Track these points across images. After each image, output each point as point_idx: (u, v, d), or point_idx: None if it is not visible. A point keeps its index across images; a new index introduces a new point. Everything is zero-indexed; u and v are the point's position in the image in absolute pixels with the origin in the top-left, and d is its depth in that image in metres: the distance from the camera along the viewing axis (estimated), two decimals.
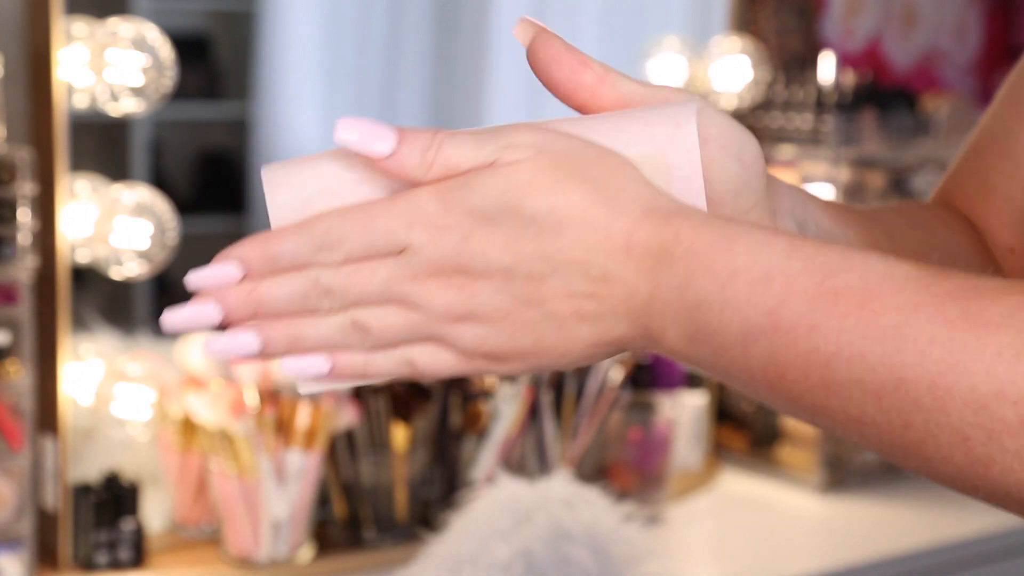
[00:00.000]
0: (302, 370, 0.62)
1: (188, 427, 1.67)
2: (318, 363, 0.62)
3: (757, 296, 0.56)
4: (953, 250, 0.79)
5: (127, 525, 1.61)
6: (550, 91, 0.63)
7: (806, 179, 2.27)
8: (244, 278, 0.61)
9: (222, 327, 0.63)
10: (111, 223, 1.55)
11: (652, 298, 0.59)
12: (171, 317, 0.62)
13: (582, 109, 0.64)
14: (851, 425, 0.56)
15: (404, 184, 0.61)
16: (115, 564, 1.61)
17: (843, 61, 2.60)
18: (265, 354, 0.62)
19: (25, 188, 1.47)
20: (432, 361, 0.62)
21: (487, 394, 1.81)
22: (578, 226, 0.59)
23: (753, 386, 0.58)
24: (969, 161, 0.84)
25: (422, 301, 0.60)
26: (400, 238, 0.60)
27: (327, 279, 0.60)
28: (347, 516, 1.76)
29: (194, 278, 0.62)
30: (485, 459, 1.81)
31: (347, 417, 1.68)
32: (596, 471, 1.91)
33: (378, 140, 0.60)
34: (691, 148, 0.62)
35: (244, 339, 0.62)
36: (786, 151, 2.30)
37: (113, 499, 1.62)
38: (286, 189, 0.62)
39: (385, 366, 0.62)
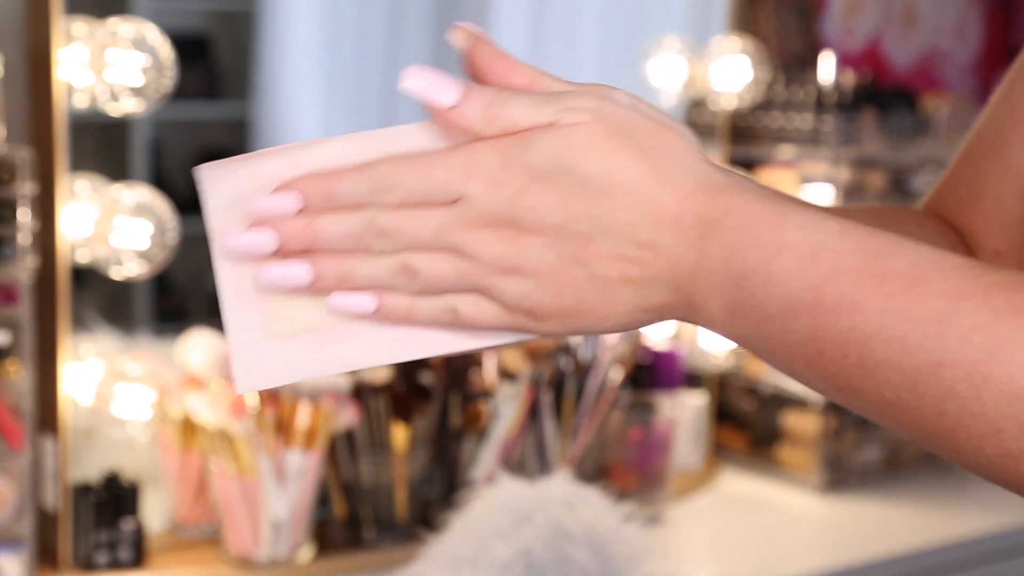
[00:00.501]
0: (350, 306, 0.63)
1: (188, 427, 1.67)
2: (366, 301, 0.63)
3: (803, 271, 0.57)
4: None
5: (127, 525, 1.61)
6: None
7: (806, 179, 2.27)
8: (302, 211, 0.62)
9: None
10: (111, 223, 1.55)
11: (698, 267, 0.59)
12: (230, 241, 0.63)
13: None
14: (885, 408, 0.56)
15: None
16: (115, 564, 1.61)
17: (843, 61, 2.61)
18: (315, 287, 0.63)
19: (25, 188, 1.47)
20: (475, 311, 0.62)
21: (487, 394, 1.81)
22: (629, 191, 0.59)
23: (791, 362, 0.59)
24: (962, 167, 0.84)
25: (472, 250, 0.61)
26: (456, 187, 0.60)
27: (382, 220, 0.61)
28: (347, 516, 1.76)
29: (255, 206, 0.62)
30: (485, 459, 1.81)
31: (347, 417, 1.68)
32: (596, 471, 1.91)
33: (444, 91, 0.61)
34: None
35: (296, 270, 0.62)
36: (786, 151, 2.30)
37: (113, 499, 1.62)
38: (222, 189, 0.62)
39: (430, 312, 0.63)
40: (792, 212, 0.58)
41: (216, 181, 0.62)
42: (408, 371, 1.75)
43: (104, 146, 2.21)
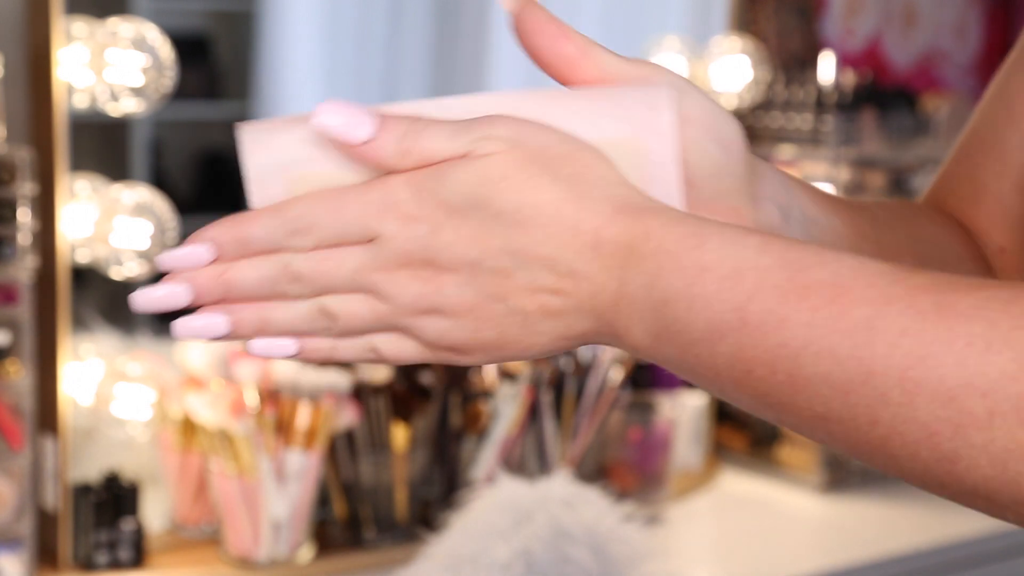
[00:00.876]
0: (271, 351, 0.63)
1: (188, 427, 1.67)
2: (286, 345, 0.63)
3: (726, 292, 0.56)
4: (941, 243, 0.79)
5: (127, 525, 1.61)
6: (533, 61, 0.63)
7: (806, 179, 2.27)
8: (216, 260, 0.62)
9: (192, 310, 0.64)
10: (111, 223, 1.55)
11: (619, 295, 0.58)
12: (142, 297, 0.63)
13: (563, 81, 0.63)
14: (817, 422, 0.55)
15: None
16: (115, 564, 1.61)
17: (843, 61, 2.60)
18: (233, 335, 0.63)
19: (25, 188, 1.47)
20: (396, 349, 0.62)
21: (487, 394, 1.81)
22: (546, 223, 0.58)
23: (719, 384, 0.58)
24: (959, 163, 0.83)
25: (389, 292, 0.60)
26: (371, 227, 0.60)
27: (297, 265, 0.61)
28: (347, 516, 1.76)
29: (165, 258, 0.63)
30: (485, 459, 1.81)
31: (347, 417, 1.67)
32: (596, 471, 1.91)
33: (357, 126, 0.60)
34: (666, 132, 0.61)
35: (213, 321, 0.62)
36: (786, 151, 2.30)
37: (113, 499, 1.62)
38: (264, 151, 0.62)
39: (350, 352, 0.63)
40: (712, 232, 0.57)
41: (258, 144, 0.62)
42: (408, 371, 1.75)
43: (104, 146, 2.21)
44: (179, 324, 0.63)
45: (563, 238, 0.58)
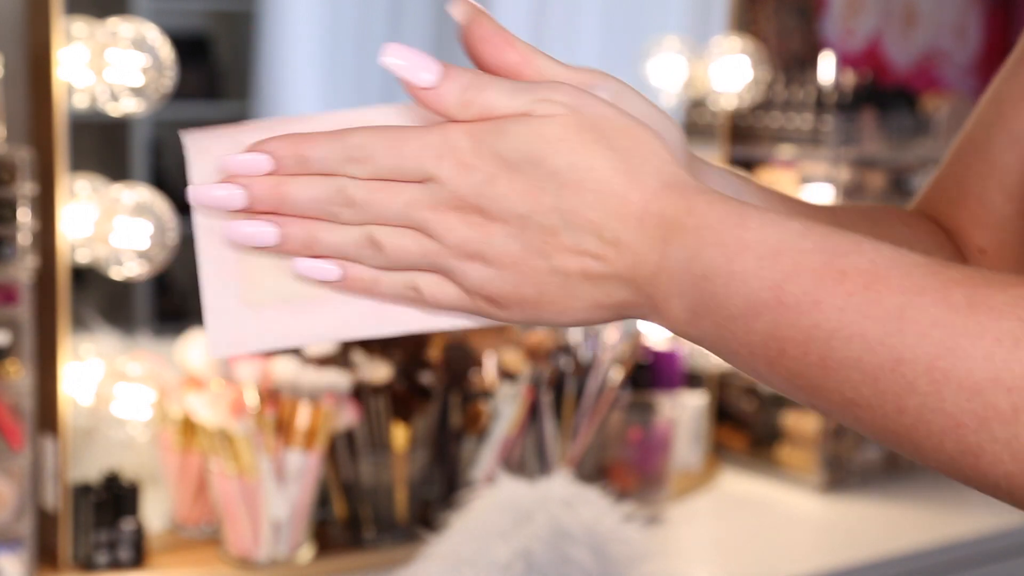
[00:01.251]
0: (315, 272, 0.63)
1: (188, 427, 1.67)
2: (330, 268, 0.63)
3: (764, 270, 0.57)
4: (912, 248, 0.80)
5: (127, 525, 1.62)
6: (478, 68, 0.64)
7: (806, 179, 2.27)
8: (273, 173, 0.63)
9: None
10: (111, 223, 1.55)
11: (659, 268, 0.60)
12: (200, 192, 0.63)
13: None
14: (846, 407, 0.56)
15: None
16: (115, 564, 1.61)
17: (843, 61, 2.61)
18: (281, 248, 0.63)
19: (25, 188, 1.47)
20: (437, 291, 0.63)
21: (487, 394, 1.81)
22: (596, 188, 0.60)
23: (752, 362, 0.59)
24: (950, 166, 0.85)
25: (438, 231, 0.61)
26: (427, 168, 0.61)
27: (352, 190, 0.62)
28: (347, 516, 1.76)
29: (227, 161, 0.63)
30: (485, 459, 1.81)
31: (347, 417, 1.68)
32: (596, 471, 1.91)
33: (422, 70, 0.61)
34: None
35: (263, 229, 0.63)
36: (786, 151, 2.30)
37: (113, 499, 1.62)
38: (207, 156, 0.63)
39: (392, 287, 0.63)
40: (754, 213, 0.59)
41: (201, 148, 0.63)
42: (408, 371, 1.75)
43: (104, 146, 2.21)
44: (231, 226, 0.63)
45: (611, 205, 0.60)
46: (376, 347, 1.75)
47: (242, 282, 0.64)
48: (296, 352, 1.70)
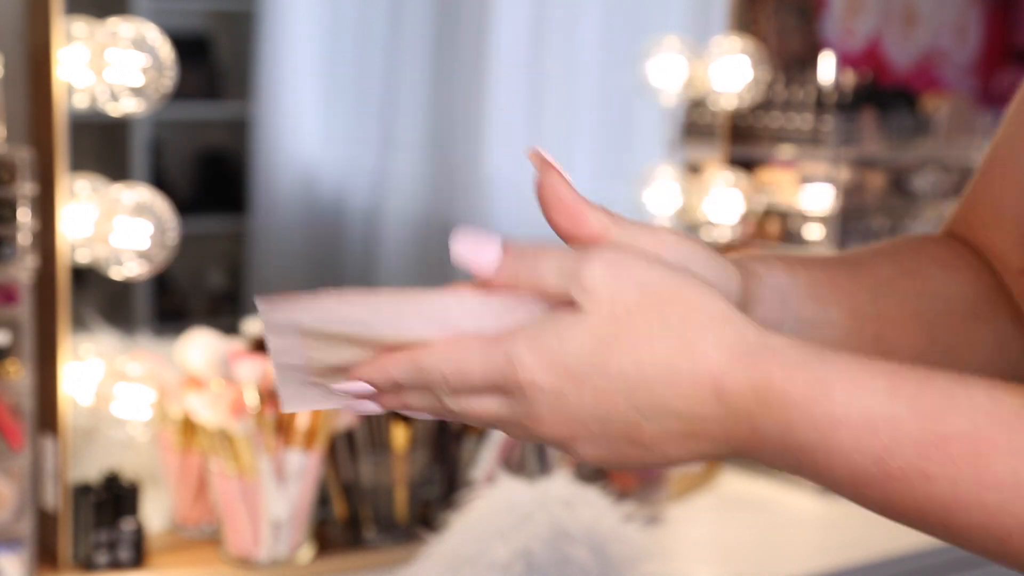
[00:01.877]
0: (359, 406, 0.67)
1: (188, 427, 1.67)
2: (374, 408, 0.67)
3: (863, 444, 0.57)
4: (950, 295, 0.79)
5: (127, 525, 1.61)
6: (552, 229, 0.66)
7: (806, 179, 2.27)
8: (371, 395, 0.66)
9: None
10: (111, 223, 1.55)
11: (752, 438, 0.60)
12: (350, 387, 0.66)
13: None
14: (984, 552, 0.57)
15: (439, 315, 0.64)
16: (115, 564, 1.61)
17: (843, 61, 2.60)
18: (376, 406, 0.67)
19: (25, 188, 1.47)
20: (519, 434, 0.66)
21: None
22: (665, 378, 0.60)
23: (871, 507, 0.61)
24: (977, 189, 0.83)
25: (534, 431, 0.63)
26: (501, 389, 0.62)
27: (450, 404, 0.64)
28: (347, 516, 1.76)
29: (341, 388, 0.66)
30: (485, 459, 1.81)
31: (347, 417, 1.68)
32: (596, 471, 1.91)
33: (485, 256, 0.63)
34: None
35: (370, 406, 0.67)
36: (786, 151, 2.30)
37: (113, 499, 1.62)
38: (279, 312, 0.66)
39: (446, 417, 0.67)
40: (835, 377, 0.58)
41: (273, 307, 0.66)
42: None
43: (104, 146, 2.21)
44: (348, 402, 0.67)
45: (684, 390, 0.60)
46: None
47: (309, 371, 0.67)
48: None
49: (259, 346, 1.75)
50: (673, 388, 0.60)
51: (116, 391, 1.63)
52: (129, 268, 1.57)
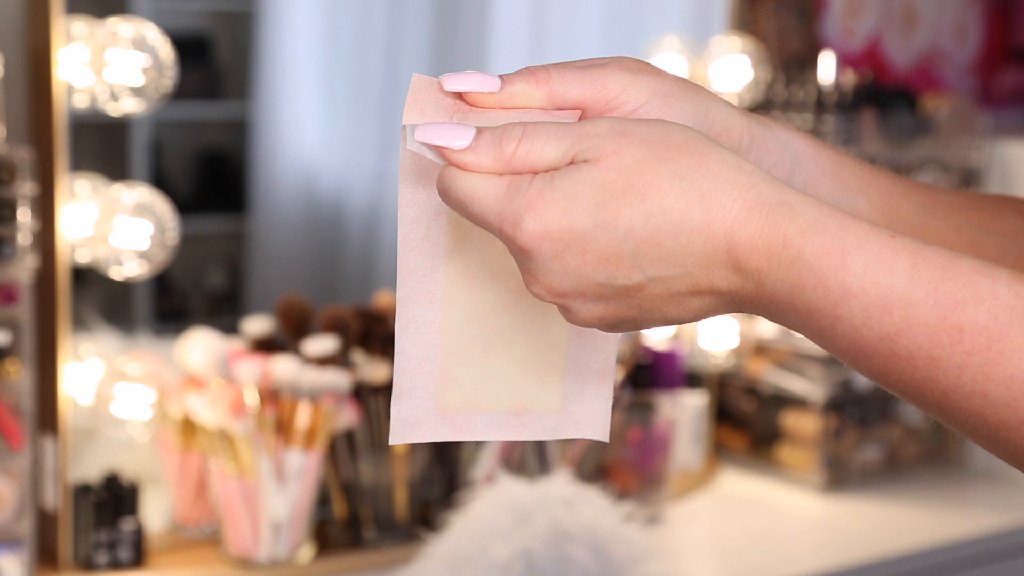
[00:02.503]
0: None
1: (188, 427, 1.67)
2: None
3: (873, 320, 0.55)
4: (1020, 237, 0.77)
5: (127, 525, 1.61)
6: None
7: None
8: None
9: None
10: (111, 223, 1.55)
11: (758, 294, 0.58)
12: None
13: None
14: (964, 435, 0.56)
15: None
16: (115, 564, 1.61)
17: (843, 61, 2.60)
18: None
19: (25, 188, 1.47)
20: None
21: None
22: (676, 231, 0.58)
23: (864, 374, 0.59)
24: None
25: (530, 285, 0.62)
26: (501, 238, 0.61)
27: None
28: (347, 516, 1.76)
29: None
30: (485, 459, 1.81)
31: (347, 417, 1.67)
32: (596, 471, 1.91)
33: (455, 138, 0.61)
34: None
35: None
36: None
37: (113, 499, 1.62)
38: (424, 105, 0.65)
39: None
40: (854, 247, 0.56)
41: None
42: None
43: (104, 146, 2.21)
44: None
45: (695, 243, 0.58)
46: (376, 347, 1.75)
47: (441, 385, 0.67)
48: (296, 352, 1.70)
49: (259, 346, 1.75)
50: (684, 241, 0.58)
51: (116, 391, 1.64)
52: (129, 268, 1.57)
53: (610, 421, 0.70)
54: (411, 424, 0.67)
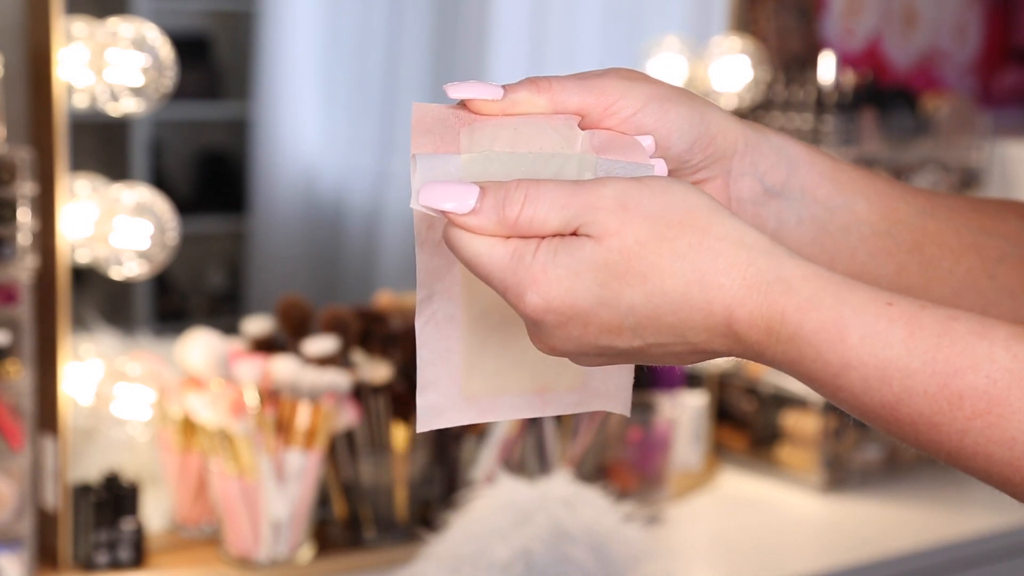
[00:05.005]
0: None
1: (188, 427, 1.67)
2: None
3: (873, 390, 0.57)
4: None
5: (127, 525, 1.61)
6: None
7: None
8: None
9: None
10: (111, 223, 1.55)
11: (759, 359, 0.60)
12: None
13: None
14: (981, 480, 0.58)
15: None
16: (115, 564, 1.61)
17: (843, 61, 2.60)
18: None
19: (25, 188, 1.47)
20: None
21: None
22: (676, 310, 0.59)
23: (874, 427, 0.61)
24: None
25: (536, 343, 0.64)
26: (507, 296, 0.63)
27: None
28: (347, 516, 1.76)
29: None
30: (485, 459, 1.81)
31: (347, 417, 1.67)
32: (596, 471, 1.91)
33: (459, 200, 0.62)
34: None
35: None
36: None
37: (113, 499, 1.62)
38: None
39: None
40: (851, 320, 0.57)
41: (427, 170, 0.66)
42: (408, 371, 1.75)
43: (104, 146, 2.22)
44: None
45: (695, 322, 0.60)
46: (376, 347, 1.75)
47: (464, 373, 0.69)
48: (296, 352, 1.70)
49: (259, 346, 1.75)
50: (684, 317, 0.59)
51: (116, 391, 1.64)
52: (129, 268, 1.57)
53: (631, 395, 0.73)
54: (437, 411, 0.69)
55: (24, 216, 1.48)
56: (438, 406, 0.70)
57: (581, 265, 0.60)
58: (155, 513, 1.72)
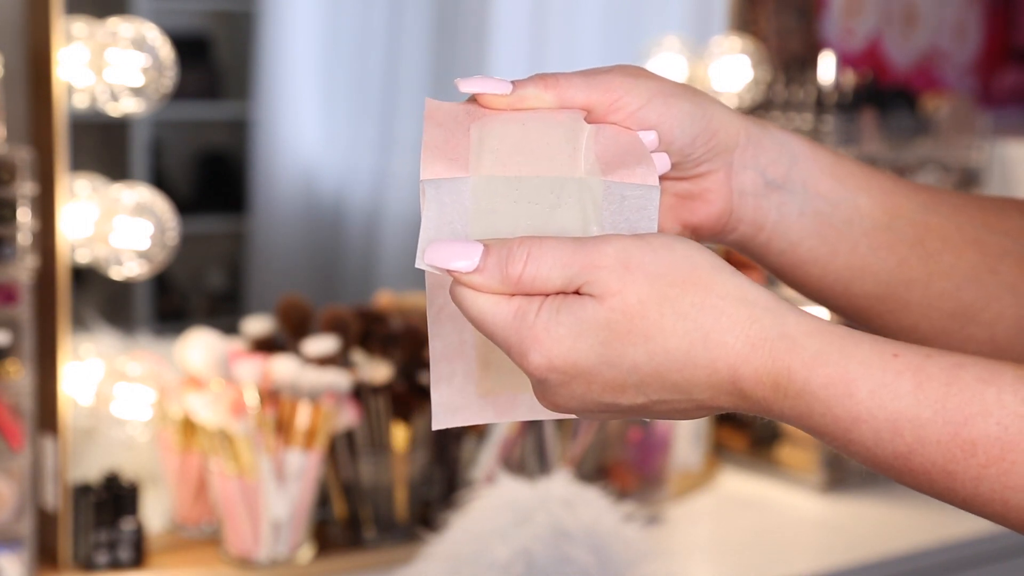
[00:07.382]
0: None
1: (188, 427, 1.67)
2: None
3: (885, 442, 0.57)
4: None
5: (127, 525, 1.62)
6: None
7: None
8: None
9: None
10: (111, 223, 1.55)
11: (766, 415, 0.60)
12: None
13: None
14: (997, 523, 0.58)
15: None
16: (115, 564, 1.61)
17: (843, 61, 2.60)
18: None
19: (25, 188, 1.47)
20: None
21: None
22: (680, 369, 0.60)
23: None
24: None
25: (540, 400, 0.65)
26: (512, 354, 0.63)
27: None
28: (347, 516, 1.76)
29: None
30: (485, 459, 1.81)
31: (347, 417, 1.67)
32: (596, 471, 1.91)
33: (460, 258, 0.63)
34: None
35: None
36: None
37: (113, 499, 1.62)
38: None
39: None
40: (858, 376, 0.57)
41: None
42: (408, 371, 1.75)
43: (104, 146, 2.22)
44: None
45: (699, 380, 0.60)
46: (376, 347, 1.75)
47: (479, 371, 0.69)
48: (296, 352, 1.70)
49: (259, 346, 1.75)
50: (688, 375, 0.60)
51: (116, 391, 1.64)
52: (129, 268, 1.57)
53: None
54: (452, 409, 0.69)
55: (24, 216, 1.48)
56: (454, 404, 0.69)
57: (583, 324, 0.60)
58: (155, 513, 1.72)
